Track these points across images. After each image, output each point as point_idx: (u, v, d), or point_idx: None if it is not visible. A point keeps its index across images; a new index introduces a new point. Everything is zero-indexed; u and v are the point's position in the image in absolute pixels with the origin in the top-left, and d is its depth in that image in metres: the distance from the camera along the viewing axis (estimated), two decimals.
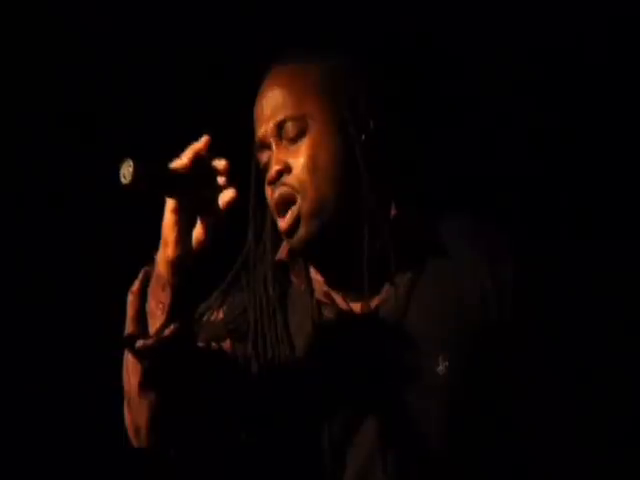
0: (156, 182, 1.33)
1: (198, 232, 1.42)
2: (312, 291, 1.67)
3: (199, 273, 1.44)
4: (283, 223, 1.60)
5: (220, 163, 1.41)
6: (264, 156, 1.64)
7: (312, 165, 1.59)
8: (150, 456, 1.61)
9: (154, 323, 1.42)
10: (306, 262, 1.69)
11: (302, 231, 1.60)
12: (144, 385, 1.46)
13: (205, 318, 1.69)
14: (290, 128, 1.60)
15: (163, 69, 2.43)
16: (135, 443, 1.56)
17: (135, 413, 1.50)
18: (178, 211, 1.40)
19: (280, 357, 1.62)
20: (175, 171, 1.36)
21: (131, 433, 1.55)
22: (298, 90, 1.62)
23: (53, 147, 2.44)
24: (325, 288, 1.67)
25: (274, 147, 1.62)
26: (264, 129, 1.63)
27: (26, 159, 2.44)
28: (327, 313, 1.64)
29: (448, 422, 1.57)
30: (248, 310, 1.67)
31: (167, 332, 1.41)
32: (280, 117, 1.61)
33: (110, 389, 1.71)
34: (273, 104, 1.62)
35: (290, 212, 1.59)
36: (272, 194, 1.61)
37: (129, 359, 1.47)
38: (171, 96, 2.41)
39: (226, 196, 1.40)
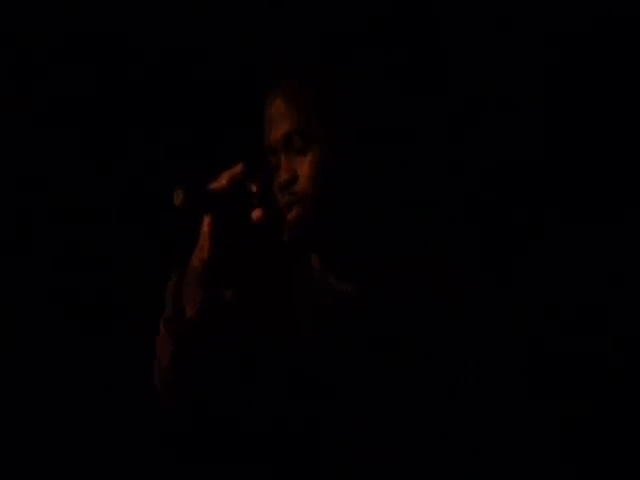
0: (199, 203, 1.58)
1: (230, 241, 1.63)
2: (310, 270, 1.86)
3: (230, 273, 1.65)
4: (289, 216, 1.79)
5: (252, 187, 1.62)
6: (274, 158, 1.83)
7: (314, 179, 1.78)
8: (172, 418, 1.80)
9: (190, 310, 1.64)
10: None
11: (303, 230, 1.79)
12: (175, 363, 1.65)
13: None
14: (296, 140, 1.79)
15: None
16: (162, 402, 1.72)
17: (165, 382, 1.68)
18: (214, 224, 1.61)
19: (281, 333, 1.79)
20: (214, 191, 1.61)
21: (159, 389, 1.71)
22: (299, 106, 1.79)
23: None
24: (321, 269, 1.86)
25: (283, 157, 1.80)
26: (273, 135, 1.81)
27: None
28: (324, 293, 1.83)
29: (424, 408, 1.74)
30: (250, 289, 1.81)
31: (201, 319, 1.63)
32: (286, 128, 1.79)
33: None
34: (279, 114, 1.80)
35: (295, 210, 1.79)
36: (282, 198, 1.80)
37: (164, 336, 1.66)
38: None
39: (255, 214, 1.61)
